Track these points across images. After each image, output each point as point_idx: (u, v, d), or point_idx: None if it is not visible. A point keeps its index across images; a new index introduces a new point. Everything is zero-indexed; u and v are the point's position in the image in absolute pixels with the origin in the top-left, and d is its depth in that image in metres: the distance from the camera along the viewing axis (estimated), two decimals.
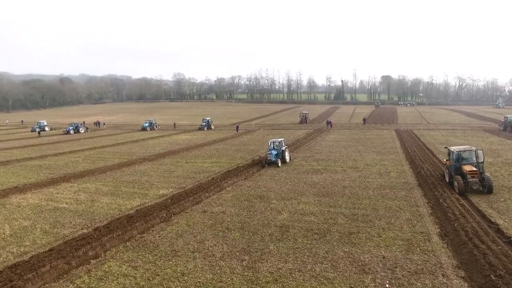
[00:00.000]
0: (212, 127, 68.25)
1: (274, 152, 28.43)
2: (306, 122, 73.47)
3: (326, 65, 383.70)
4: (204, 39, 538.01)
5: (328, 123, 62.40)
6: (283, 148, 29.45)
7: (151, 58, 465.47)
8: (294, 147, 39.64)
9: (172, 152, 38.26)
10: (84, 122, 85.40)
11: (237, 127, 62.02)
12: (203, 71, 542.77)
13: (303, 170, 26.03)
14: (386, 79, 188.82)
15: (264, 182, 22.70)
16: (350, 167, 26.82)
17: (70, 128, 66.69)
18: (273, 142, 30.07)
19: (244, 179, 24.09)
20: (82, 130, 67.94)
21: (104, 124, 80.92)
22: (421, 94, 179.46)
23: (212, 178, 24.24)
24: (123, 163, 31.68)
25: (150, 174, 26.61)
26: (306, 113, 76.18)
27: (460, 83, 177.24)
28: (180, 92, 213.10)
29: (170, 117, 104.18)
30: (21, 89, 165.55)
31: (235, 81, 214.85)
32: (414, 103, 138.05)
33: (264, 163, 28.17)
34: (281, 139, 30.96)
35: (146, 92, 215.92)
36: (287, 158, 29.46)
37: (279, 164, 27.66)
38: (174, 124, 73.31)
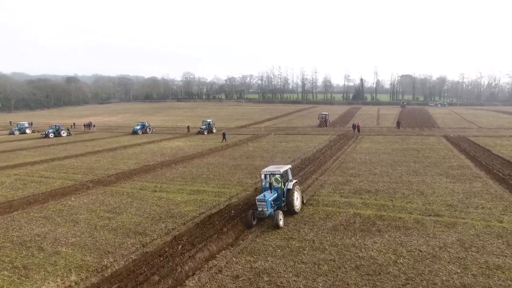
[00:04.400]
0: (214, 131, 57.47)
1: (270, 198, 14.44)
2: (326, 125, 61.85)
3: (343, 63, 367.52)
4: (216, 38, 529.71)
5: (355, 127, 50.65)
6: (290, 185, 15.24)
7: (164, 59, 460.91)
8: (316, 163, 28.21)
9: (146, 170, 27.43)
10: (74, 124, 76.29)
11: (224, 134, 46.42)
12: (213, 71, 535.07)
13: (341, 223, 14.37)
14: (405, 78, 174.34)
15: (270, 263, 11.20)
16: (424, 213, 15.12)
17: (50, 131, 57.03)
18: (271, 174, 15.37)
19: (231, 245, 12.67)
20: (64, 133, 58.25)
21: (94, 126, 71.35)
22: (445, 94, 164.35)
23: (174, 239, 13.15)
24: (58, 191, 21.01)
25: (71, 221, 15.76)
26: (326, 114, 64.51)
27: (490, 82, 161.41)
28: (188, 92, 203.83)
29: (172, 118, 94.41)
30: (24, 89, 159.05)
31: (246, 81, 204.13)
32: (445, 103, 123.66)
33: (250, 218, 14.05)
34: (287, 167, 16.35)
35: (154, 92, 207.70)
36: (297, 204, 15.34)
37: (280, 223, 13.75)
38: (188, 127, 62.12)
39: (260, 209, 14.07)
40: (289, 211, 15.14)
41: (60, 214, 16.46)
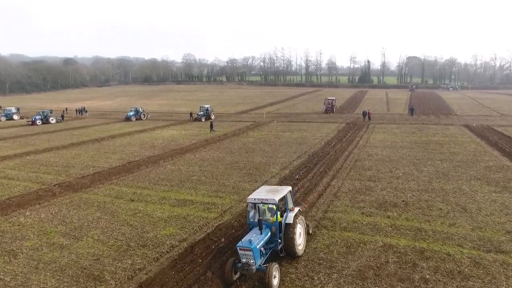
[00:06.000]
0: (212, 117, 53.41)
1: (259, 244, 9.65)
2: (333, 111, 57.54)
3: (349, 44, 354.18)
4: (218, 18, 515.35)
5: (366, 114, 46.36)
6: (290, 218, 10.62)
7: (165, 40, 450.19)
8: (326, 161, 24.31)
9: (128, 168, 23.65)
10: (66, 109, 72.25)
11: (211, 124, 41.01)
12: (215, 52, 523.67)
13: (369, 264, 10.45)
14: (413, 60, 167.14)
15: None
16: (479, 246, 11.07)
17: (37, 117, 53.08)
18: (262, 202, 10.50)
19: None
20: (52, 120, 54.38)
21: (86, 112, 67.37)
22: (453, 76, 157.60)
23: None
24: (15, 200, 17.29)
25: (8, 253, 12.05)
26: (332, 99, 60.02)
27: (503, 64, 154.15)
28: (189, 74, 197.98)
29: (170, 102, 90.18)
30: (19, 71, 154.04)
31: (248, 62, 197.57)
32: (457, 86, 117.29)
33: (229, 272, 9.53)
34: (285, 190, 11.23)
35: (153, 74, 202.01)
36: (300, 243, 10.77)
37: (274, 283, 9.12)
38: (191, 113, 55.32)
39: (244, 260, 9.45)
40: (289, 254, 10.63)
41: (1, 239, 12.80)
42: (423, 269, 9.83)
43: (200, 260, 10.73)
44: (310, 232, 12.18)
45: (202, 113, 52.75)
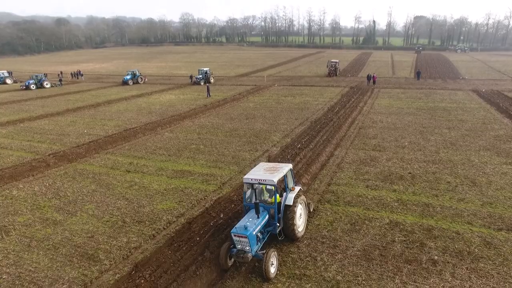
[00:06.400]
0: (212, 81, 51.76)
1: (255, 230, 8.76)
2: (336, 75, 55.64)
3: (354, 2, 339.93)
4: None
5: (370, 78, 44.70)
6: (290, 199, 9.71)
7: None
8: (329, 128, 23.45)
9: (125, 136, 22.92)
10: (61, 72, 70.08)
11: (208, 88, 39.41)
12: (214, 11, 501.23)
13: (375, 243, 9.95)
14: (420, 19, 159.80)
15: None
16: (489, 224, 10.51)
17: (31, 82, 51.40)
18: (259, 183, 9.40)
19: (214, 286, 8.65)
20: (47, 84, 52.73)
21: (82, 75, 65.38)
22: (462, 37, 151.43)
23: (133, 269, 9.03)
24: (8, 171, 16.72)
25: (0, 230, 11.68)
26: (335, 62, 57.76)
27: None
28: (187, 35, 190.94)
29: (169, 64, 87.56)
30: (9, 31, 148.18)
31: (248, 22, 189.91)
32: (466, 48, 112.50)
33: (224, 257, 8.84)
34: (285, 169, 10.07)
35: (151, 35, 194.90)
36: (300, 225, 9.99)
37: (271, 271, 8.43)
38: (191, 76, 53.60)
39: (239, 246, 8.68)
40: (288, 237, 9.90)
41: None
42: (431, 249, 9.38)
43: (198, 238, 10.30)
44: (311, 210, 11.55)
45: (200, 76, 51.00)
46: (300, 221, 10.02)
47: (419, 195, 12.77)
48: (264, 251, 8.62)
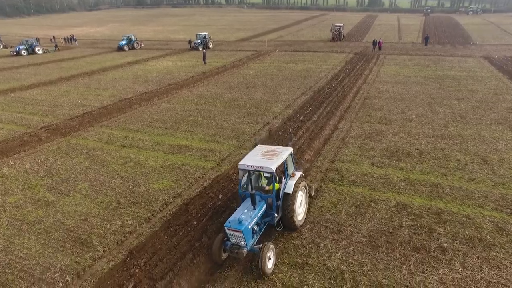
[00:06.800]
0: (210, 46, 49.74)
1: (250, 223, 8.02)
2: (340, 40, 53.30)
3: None
4: None
5: (376, 43, 42.70)
6: (290, 187, 8.91)
7: None
8: (333, 99, 22.45)
9: (120, 107, 22.04)
10: (54, 37, 67.33)
11: (204, 55, 36.98)
12: None
13: (381, 228, 9.63)
14: None
15: None
16: (502, 207, 9.99)
17: (21, 47, 49.34)
18: (256, 170, 8.60)
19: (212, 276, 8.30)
20: (39, 50, 50.67)
21: (76, 40, 62.81)
22: None
23: (128, 256, 8.62)
24: None
25: None
26: (340, 26, 55.09)
27: None
28: None
29: (166, 28, 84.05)
30: None
31: None
32: (479, 10, 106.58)
33: (218, 250, 8.26)
34: (285, 153, 9.17)
35: None
36: (300, 213, 9.38)
37: (268, 266, 7.84)
38: (190, 41, 50.65)
39: (233, 240, 8.04)
40: (287, 228, 9.21)
41: None
42: (440, 235, 8.92)
43: (195, 222, 9.84)
44: (312, 194, 10.90)
45: (199, 41, 48.85)
46: (300, 209, 9.40)
47: (427, 174, 12.19)
48: (261, 245, 7.99)
